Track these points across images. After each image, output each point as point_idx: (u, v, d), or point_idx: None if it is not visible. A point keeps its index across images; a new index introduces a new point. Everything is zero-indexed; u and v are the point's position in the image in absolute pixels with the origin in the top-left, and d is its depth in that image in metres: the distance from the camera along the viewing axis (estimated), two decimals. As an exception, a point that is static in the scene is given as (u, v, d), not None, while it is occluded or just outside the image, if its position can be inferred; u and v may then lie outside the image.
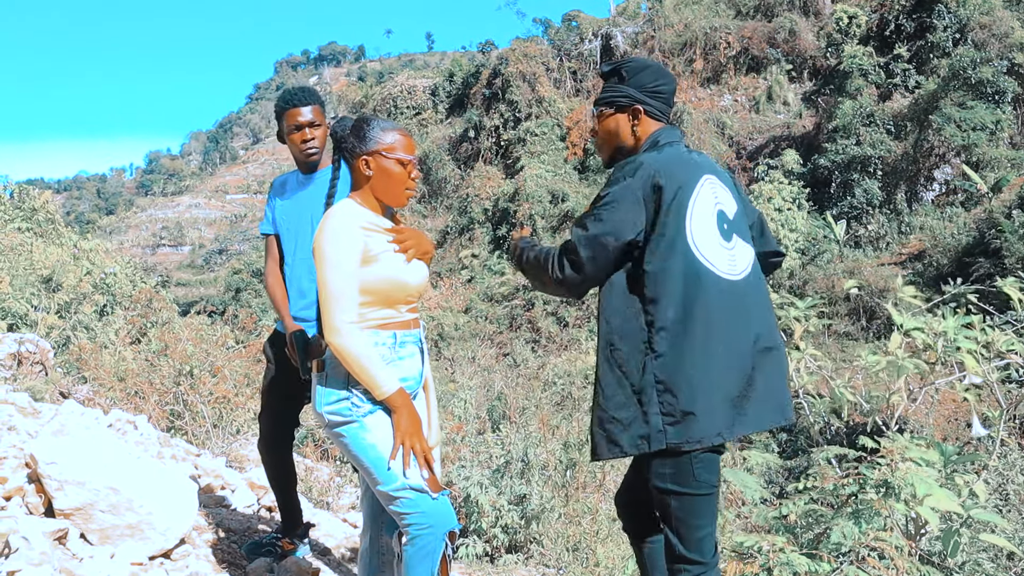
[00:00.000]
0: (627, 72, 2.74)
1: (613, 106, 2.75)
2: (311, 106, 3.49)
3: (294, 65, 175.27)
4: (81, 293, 10.61)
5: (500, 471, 6.19)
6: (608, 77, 2.80)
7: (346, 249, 2.56)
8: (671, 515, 2.56)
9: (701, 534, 2.55)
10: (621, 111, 2.74)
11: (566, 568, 5.43)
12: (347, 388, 2.62)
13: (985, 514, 3.21)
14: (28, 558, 2.83)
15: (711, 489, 2.54)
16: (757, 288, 2.64)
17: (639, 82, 2.72)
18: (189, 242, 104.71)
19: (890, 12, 39.19)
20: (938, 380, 3.82)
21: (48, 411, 5.24)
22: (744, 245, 2.64)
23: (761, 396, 2.53)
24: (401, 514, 2.59)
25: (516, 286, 38.37)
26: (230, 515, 4.37)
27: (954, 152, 32.47)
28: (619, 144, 2.76)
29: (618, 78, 2.76)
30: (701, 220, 2.52)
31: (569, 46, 49.59)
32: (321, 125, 3.52)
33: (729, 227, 2.60)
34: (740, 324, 2.54)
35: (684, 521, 2.54)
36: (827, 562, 3.17)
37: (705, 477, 2.50)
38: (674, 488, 2.52)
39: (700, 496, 2.52)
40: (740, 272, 2.58)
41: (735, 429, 2.48)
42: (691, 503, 2.52)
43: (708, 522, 2.56)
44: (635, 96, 2.71)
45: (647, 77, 2.72)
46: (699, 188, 2.55)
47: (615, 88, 2.75)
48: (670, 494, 2.53)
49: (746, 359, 2.52)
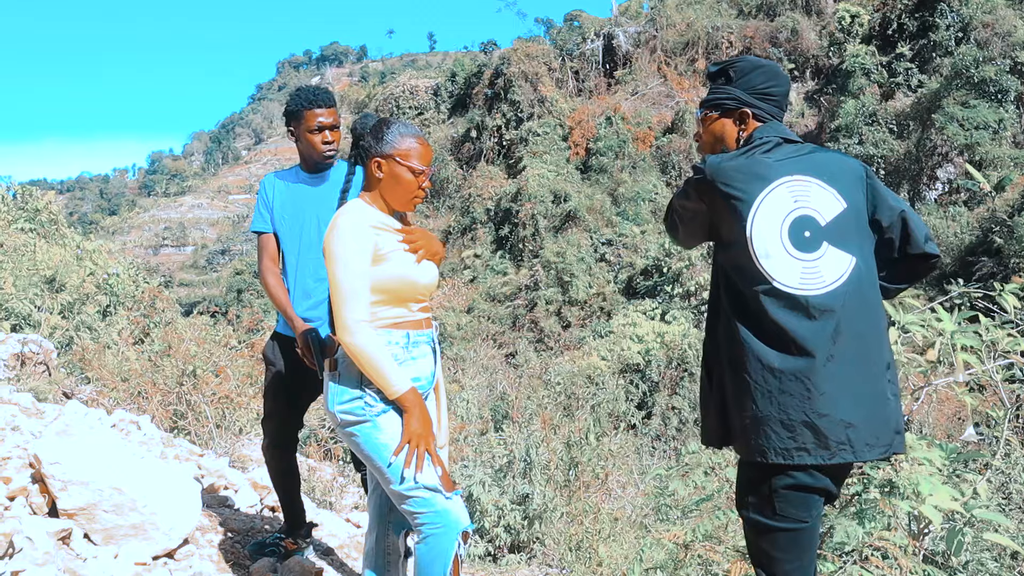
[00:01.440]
0: (735, 72, 2.56)
1: (719, 109, 2.58)
2: (330, 108, 3.50)
3: (296, 65, 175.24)
4: (84, 294, 10.61)
5: (503, 471, 6.20)
6: (715, 78, 2.63)
7: (357, 248, 2.56)
8: (753, 543, 2.45)
9: (786, 568, 2.38)
10: (727, 114, 2.57)
11: (569, 568, 5.42)
12: (360, 387, 2.61)
13: (988, 513, 3.20)
14: (32, 558, 2.84)
15: (797, 524, 2.34)
16: (853, 303, 2.34)
17: (748, 83, 2.54)
18: (192, 242, 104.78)
19: (892, 11, 39.15)
20: (938, 380, 3.82)
21: (52, 411, 5.24)
22: (841, 254, 2.36)
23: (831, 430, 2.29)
24: (414, 513, 2.59)
25: (519, 286, 38.37)
26: (233, 515, 4.37)
27: (957, 151, 32.44)
28: (724, 149, 2.57)
29: (725, 79, 2.59)
30: (764, 232, 2.34)
31: (571, 46, 49.56)
32: (338, 127, 3.53)
33: (815, 235, 2.35)
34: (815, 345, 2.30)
35: (765, 553, 2.41)
36: (831, 561, 3.17)
37: (791, 512, 2.33)
38: (755, 518, 2.39)
39: (784, 531, 2.35)
40: (825, 285, 2.32)
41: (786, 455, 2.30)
42: (772, 537, 2.38)
43: (795, 557, 2.38)
44: (743, 99, 2.53)
45: (757, 78, 2.54)
46: (766, 194, 2.36)
47: (722, 89, 2.58)
48: (751, 524, 2.41)
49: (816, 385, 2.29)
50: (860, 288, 2.35)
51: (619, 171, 42.03)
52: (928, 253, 2.49)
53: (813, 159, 2.45)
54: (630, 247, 37.60)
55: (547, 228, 40.00)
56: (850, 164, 2.49)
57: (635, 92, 46.27)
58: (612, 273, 37.20)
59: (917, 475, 3.11)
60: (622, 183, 41.01)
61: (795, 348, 2.28)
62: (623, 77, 47.51)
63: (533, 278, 37.93)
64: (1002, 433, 3.58)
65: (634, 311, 30.13)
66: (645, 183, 40.67)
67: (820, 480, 2.33)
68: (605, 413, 15.26)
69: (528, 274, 38.61)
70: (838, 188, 2.41)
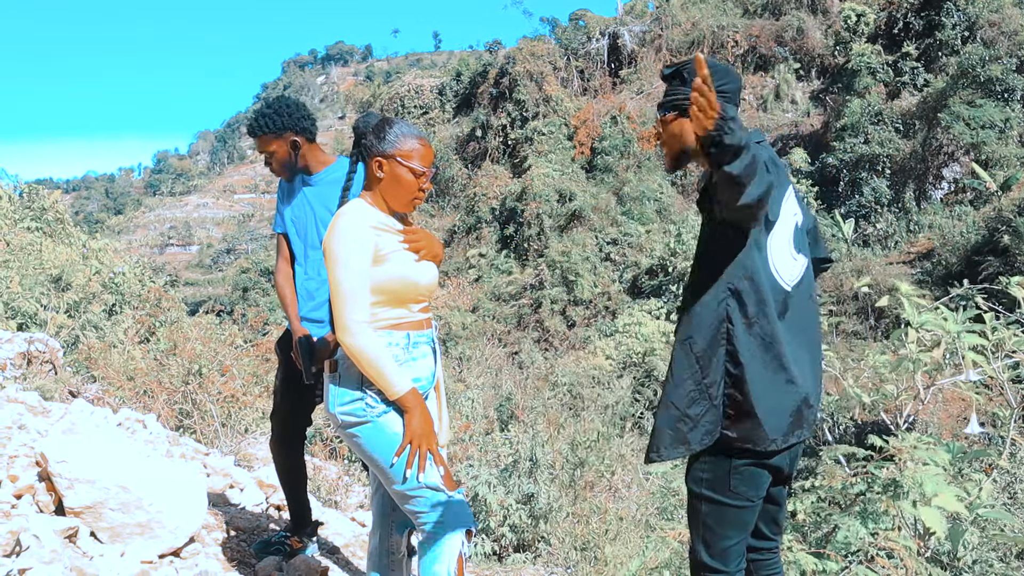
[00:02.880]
0: (688, 73, 2.59)
1: (677, 109, 2.61)
2: (256, 138, 3.49)
3: (301, 65, 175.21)
4: (90, 292, 10.65)
5: (508, 470, 6.20)
6: (670, 80, 2.66)
7: (357, 248, 2.55)
8: (699, 520, 2.53)
9: (728, 544, 2.51)
10: (684, 114, 2.58)
11: (574, 567, 5.43)
12: (361, 388, 2.60)
13: (994, 512, 3.20)
14: (39, 556, 2.85)
15: (746, 502, 2.49)
16: (810, 299, 2.59)
17: None
18: (197, 241, 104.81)
19: (898, 10, 39.04)
20: (944, 379, 3.81)
21: (58, 410, 5.26)
22: (802, 257, 2.59)
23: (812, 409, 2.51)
24: (417, 513, 2.59)
25: (523, 285, 38.39)
26: (239, 514, 4.38)
27: (963, 150, 32.35)
28: (684, 148, 2.63)
29: (680, 80, 2.62)
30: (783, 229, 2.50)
31: (576, 45, 49.55)
32: (274, 151, 3.47)
33: (798, 239, 2.56)
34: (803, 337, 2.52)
35: (711, 528, 2.51)
36: (835, 561, 3.17)
37: (742, 489, 2.46)
38: (707, 494, 2.49)
39: (733, 507, 2.48)
40: (794, 281, 2.52)
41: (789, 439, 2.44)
42: (721, 512, 2.49)
43: (737, 533, 2.51)
44: None
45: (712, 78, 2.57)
46: (787, 196, 2.51)
47: (677, 90, 2.61)
48: (702, 499, 2.51)
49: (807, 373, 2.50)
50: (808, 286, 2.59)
51: (624, 170, 42.01)
52: (829, 258, 2.81)
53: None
54: (635, 246, 37.59)
55: (552, 227, 40.00)
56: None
57: (640, 91, 46.23)
58: (617, 272, 37.19)
59: (922, 474, 3.11)
60: (627, 182, 41.00)
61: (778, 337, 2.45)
62: (628, 76, 47.47)
63: (538, 277, 37.93)
64: (1008, 433, 3.58)
65: (639, 310, 30.12)
66: (650, 182, 40.64)
67: (780, 459, 2.49)
68: (611, 413, 15.25)
69: (533, 273, 38.61)
70: (796, 196, 2.63)
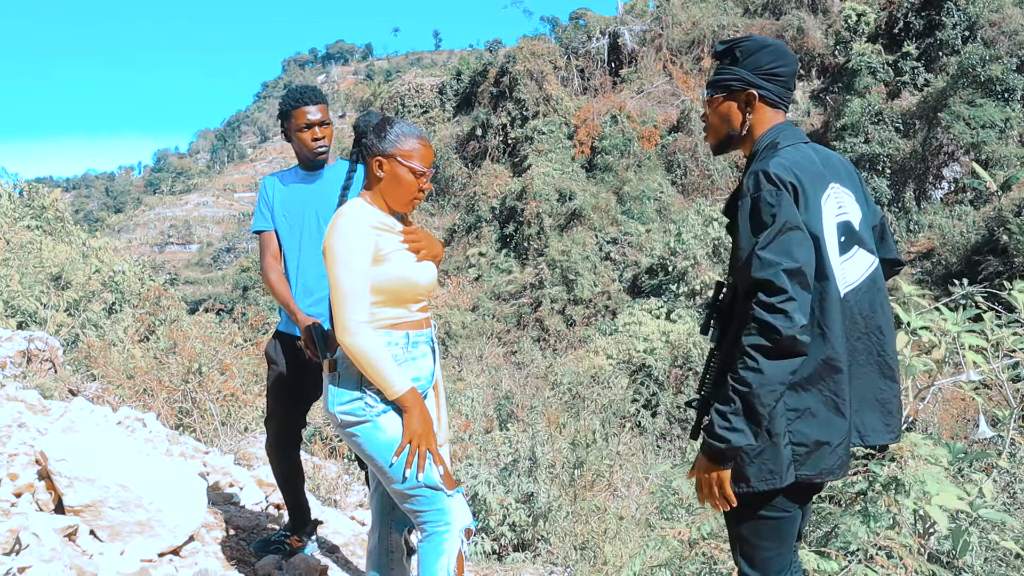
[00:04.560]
0: (741, 52, 2.48)
1: (725, 90, 2.51)
2: (319, 104, 3.50)
3: (302, 64, 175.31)
4: (90, 291, 10.65)
5: (507, 469, 6.20)
6: (721, 57, 2.54)
7: (357, 248, 2.55)
8: (737, 532, 2.47)
9: (767, 555, 2.43)
10: (733, 96, 2.49)
11: (573, 566, 5.42)
12: (360, 388, 2.60)
13: (994, 513, 3.20)
14: (39, 554, 2.85)
15: (782, 513, 2.39)
16: (873, 300, 2.40)
17: (755, 63, 2.45)
18: (197, 240, 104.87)
19: (899, 10, 39.06)
20: (944, 379, 3.81)
21: (57, 408, 5.26)
22: (864, 254, 2.41)
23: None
24: (417, 512, 2.59)
25: (523, 284, 38.40)
26: (239, 512, 4.38)
27: (963, 150, 32.36)
28: (730, 132, 2.52)
29: (731, 59, 2.51)
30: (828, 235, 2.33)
31: (576, 44, 49.57)
32: (329, 124, 3.52)
33: (849, 239, 2.38)
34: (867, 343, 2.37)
35: (748, 540, 2.44)
36: (836, 560, 3.17)
37: (778, 500, 2.36)
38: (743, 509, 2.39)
39: (770, 519, 2.39)
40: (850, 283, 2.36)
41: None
42: (757, 524, 2.40)
43: (776, 544, 2.42)
44: (749, 79, 2.45)
45: (764, 57, 2.45)
46: (826, 198, 2.35)
47: (727, 70, 2.50)
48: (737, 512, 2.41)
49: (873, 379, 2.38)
50: (877, 285, 2.42)
51: (624, 170, 42.02)
52: (899, 260, 2.61)
53: (832, 162, 2.47)
54: (635, 246, 37.60)
55: (552, 227, 40.01)
56: (851, 167, 2.54)
57: (640, 90, 46.24)
58: (617, 272, 37.20)
59: (923, 473, 3.11)
60: (627, 182, 41.01)
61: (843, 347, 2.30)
62: (628, 75, 47.48)
63: (538, 277, 37.94)
64: (1007, 433, 3.58)
65: (639, 310, 30.11)
66: (650, 181, 40.65)
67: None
68: (611, 412, 15.25)
69: (533, 273, 38.62)
70: (856, 192, 2.47)
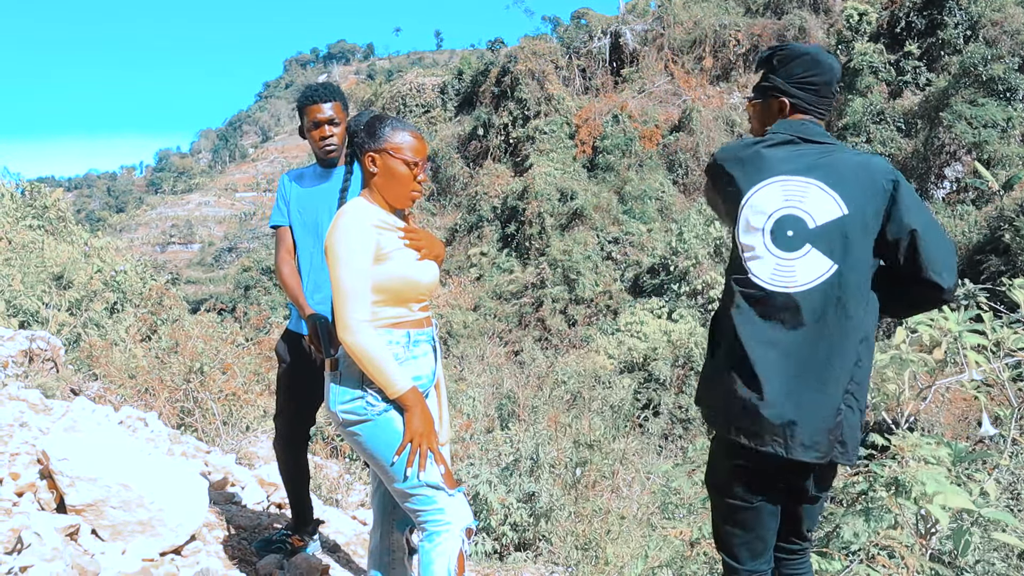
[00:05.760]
0: (778, 61, 2.53)
1: (763, 95, 2.56)
2: (331, 103, 3.48)
3: (303, 63, 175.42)
4: (92, 291, 10.65)
5: (509, 469, 6.20)
6: (764, 65, 2.60)
7: (358, 247, 2.55)
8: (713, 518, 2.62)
9: (734, 540, 2.51)
10: (768, 103, 2.55)
11: (575, 566, 5.42)
12: (361, 387, 2.61)
13: (996, 513, 3.19)
14: (40, 554, 2.84)
15: (742, 503, 2.46)
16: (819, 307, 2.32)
17: (788, 72, 2.50)
18: (199, 240, 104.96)
19: (901, 9, 39.02)
20: (945, 379, 3.81)
21: (59, 408, 5.25)
22: (821, 258, 2.32)
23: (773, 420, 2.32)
24: (418, 511, 2.59)
25: (525, 284, 38.38)
26: (240, 512, 4.38)
27: (965, 149, 32.34)
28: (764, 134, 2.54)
29: (769, 67, 2.56)
30: (748, 223, 2.40)
31: (578, 44, 49.55)
32: (341, 122, 3.51)
33: (799, 235, 2.33)
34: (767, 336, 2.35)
35: (716, 523, 2.58)
36: (837, 560, 3.17)
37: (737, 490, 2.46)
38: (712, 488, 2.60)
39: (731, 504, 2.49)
40: (790, 285, 2.32)
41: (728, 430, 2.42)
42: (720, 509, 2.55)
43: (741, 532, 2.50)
44: (781, 88, 2.51)
45: (797, 67, 2.49)
46: (757, 189, 2.39)
47: (766, 78, 2.56)
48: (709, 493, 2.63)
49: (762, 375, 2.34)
50: (834, 295, 2.32)
51: (626, 169, 42.02)
52: (932, 281, 2.30)
53: (825, 161, 2.39)
54: (636, 245, 37.60)
55: (553, 226, 40.00)
56: (872, 173, 2.36)
57: (642, 90, 46.22)
58: (618, 271, 37.20)
59: (924, 473, 3.11)
60: (629, 181, 41.00)
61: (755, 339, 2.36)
62: (630, 75, 47.46)
63: (539, 276, 37.93)
64: (1009, 432, 3.57)
65: (641, 309, 30.12)
66: (652, 181, 40.65)
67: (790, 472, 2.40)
68: (612, 412, 15.24)
69: (534, 272, 38.62)
70: (843, 194, 2.34)
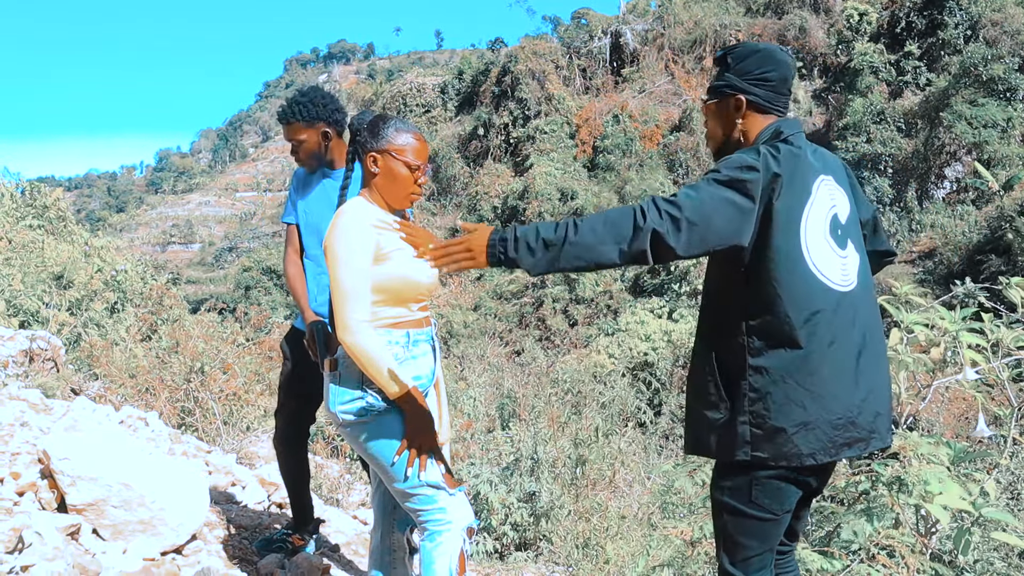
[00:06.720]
0: (732, 59, 2.50)
1: (718, 96, 2.52)
2: (287, 125, 3.52)
3: (304, 63, 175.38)
4: (92, 290, 10.64)
5: (509, 468, 6.20)
6: (718, 64, 2.57)
7: (358, 247, 2.55)
8: (722, 528, 2.46)
9: (749, 554, 2.40)
10: (724, 102, 2.51)
11: (576, 566, 5.42)
12: (361, 387, 2.61)
13: (996, 512, 3.20)
14: (41, 553, 2.85)
15: (768, 515, 2.36)
16: (866, 299, 2.39)
17: (743, 69, 2.46)
18: (199, 240, 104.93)
19: (901, 9, 39.02)
20: (943, 378, 3.81)
21: (60, 407, 5.26)
22: (855, 252, 2.41)
23: (867, 421, 2.32)
24: (418, 511, 2.60)
25: (525, 284, 38.35)
26: (241, 511, 4.39)
27: (965, 150, 32.34)
28: (724, 136, 2.54)
29: (724, 66, 2.52)
30: (815, 227, 2.31)
31: (579, 44, 49.54)
32: (304, 140, 3.51)
33: (843, 233, 2.38)
34: (851, 341, 2.32)
35: (732, 537, 2.42)
36: (838, 559, 3.17)
37: (764, 501, 2.34)
38: (729, 503, 2.40)
39: (754, 518, 2.37)
40: (850, 283, 2.34)
41: (832, 453, 2.28)
42: (741, 523, 2.39)
43: (759, 544, 2.41)
44: (736, 84, 2.46)
45: (752, 63, 2.46)
46: (815, 192, 2.34)
47: (721, 76, 2.52)
48: (724, 508, 2.42)
49: (856, 379, 2.31)
50: (867, 286, 2.41)
51: (626, 169, 42.00)
52: (891, 251, 2.68)
53: (825, 158, 2.48)
54: (637, 245, 37.54)
55: (554, 226, 39.95)
56: (840, 162, 2.56)
57: (642, 90, 46.21)
58: (619, 271, 37.18)
59: (925, 472, 3.11)
60: (629, 181, 40.97)
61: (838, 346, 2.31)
62: (630, 75, 47.45)
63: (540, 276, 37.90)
64: (1009, 432, 3.58)
65: (641, 309, 30.09)
66: (652, 181, 40.61)
67: (804, 475, 2.34)
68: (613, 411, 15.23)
69: (535, 272, 38.55)
70: (845, 187, 2.48)
